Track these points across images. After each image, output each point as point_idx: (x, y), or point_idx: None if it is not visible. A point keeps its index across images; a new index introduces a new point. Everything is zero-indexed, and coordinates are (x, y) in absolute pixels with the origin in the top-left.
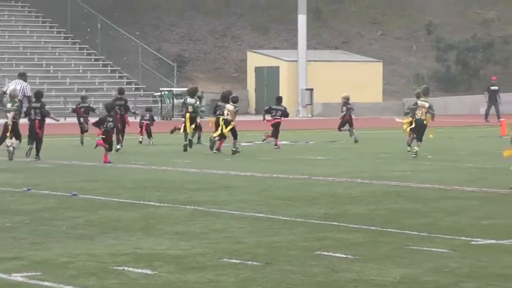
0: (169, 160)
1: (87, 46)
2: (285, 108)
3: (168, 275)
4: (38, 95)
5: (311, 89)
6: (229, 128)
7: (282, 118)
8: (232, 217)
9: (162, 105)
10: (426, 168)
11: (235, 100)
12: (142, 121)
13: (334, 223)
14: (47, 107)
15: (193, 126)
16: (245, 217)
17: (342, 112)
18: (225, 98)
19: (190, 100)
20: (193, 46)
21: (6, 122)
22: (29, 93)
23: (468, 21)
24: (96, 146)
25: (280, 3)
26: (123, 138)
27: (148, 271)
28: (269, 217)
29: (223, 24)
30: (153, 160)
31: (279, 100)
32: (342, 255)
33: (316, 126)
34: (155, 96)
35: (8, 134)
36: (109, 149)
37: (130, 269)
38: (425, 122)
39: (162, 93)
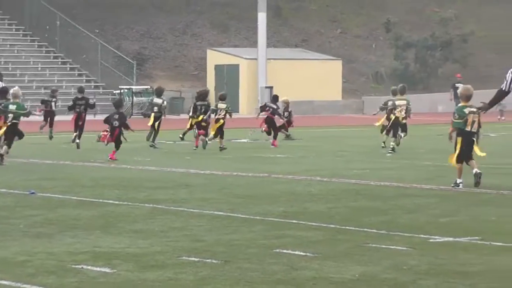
0: (129, 158)
1: (46, 43)
2: (277, 107)
3: (127, 274)
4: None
5: (271, 87)
6: (217, 125)
7: (275, 116)
8: (191, 215)
9: None
10: (385, 166)
11: (223, 98)
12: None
13: (294, 221)
14: None
15: (155, 123)
16: (204, 215)
17: (285, 116)
18: (202, 96)
19: (156, 100)
20: (152, 44)
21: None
22: None
23: (427, 20)
24: (99, 140)
25: (239, 1)
26: (80, 136)
27: (107, 270)
28: (228, 215)
29: (183, 22)
30: None
31: (275, 98)
32: (301, 253)
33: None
34: (114, 94)
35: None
36: (117, 147)
37: (89, 267)
38: (403, 120)
39: (122, 91)
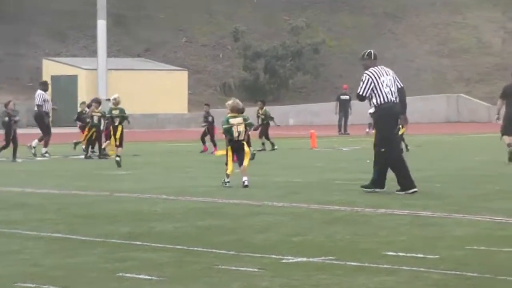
0: None
1: None
2: None
3: None
4: None
5: None
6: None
7: None
8: (27, 237)
9: None
10: (233, 183)
11: None
12: None
13: (138, 243)
14: None
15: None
16: (41, 237)
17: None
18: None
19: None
20: None
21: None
22: (39, 101)
23: (276, 28)
24: None
25: (79, 8)
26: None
27: None
28: (67, 237)
29: (17, 30)
30: None
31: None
32: (147, 277)
33: None
34: None
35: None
36: None
37: None
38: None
39: None
